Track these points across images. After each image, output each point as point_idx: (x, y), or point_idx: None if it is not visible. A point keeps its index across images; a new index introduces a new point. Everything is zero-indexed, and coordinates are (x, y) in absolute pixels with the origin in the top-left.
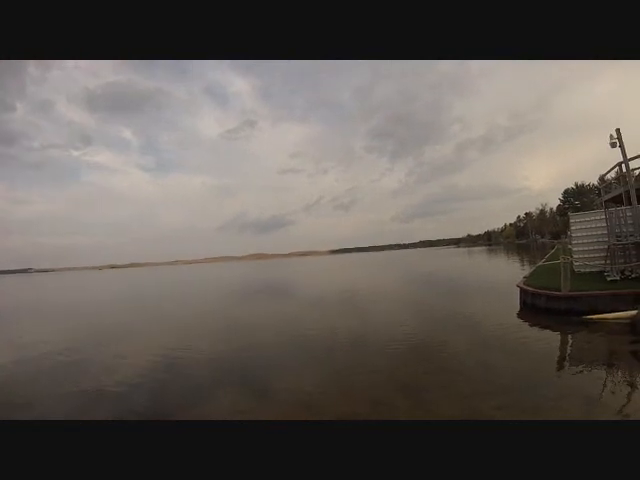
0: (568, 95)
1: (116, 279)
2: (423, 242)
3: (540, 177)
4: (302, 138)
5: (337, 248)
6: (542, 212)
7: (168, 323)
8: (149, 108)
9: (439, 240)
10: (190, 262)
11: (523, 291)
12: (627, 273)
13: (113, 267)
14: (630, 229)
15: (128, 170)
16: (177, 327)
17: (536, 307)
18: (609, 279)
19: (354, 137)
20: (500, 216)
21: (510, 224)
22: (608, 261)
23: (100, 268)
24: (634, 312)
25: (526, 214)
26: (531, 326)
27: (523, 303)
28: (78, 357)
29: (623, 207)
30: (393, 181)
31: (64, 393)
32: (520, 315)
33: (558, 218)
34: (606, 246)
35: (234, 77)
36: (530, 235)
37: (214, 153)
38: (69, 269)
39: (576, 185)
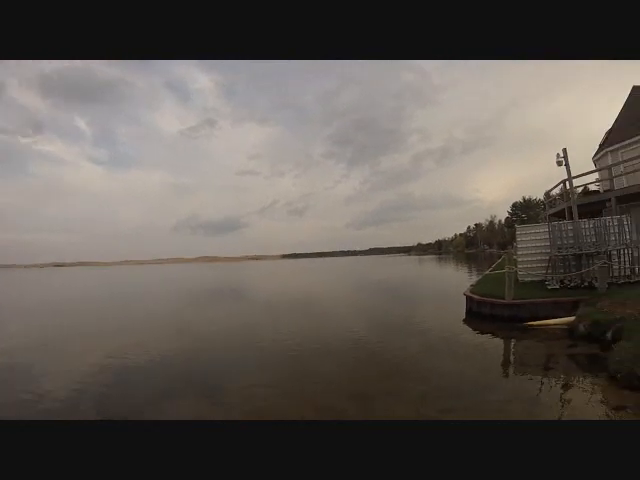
0: (521, 114)
1: (48, 278)
2: (374, 249)
3: (491, 190)
4: (262, 140)
5: (289, 253)
6: (491, 223)
7: (110, 327)
8: (108, 98)
9: (390, 248)
10: (140, 263)
11: (469, 299)
12: (566, 282)
13: (58, 266)
14: (570, 242)
15: (79, 162)
16: (123, 331)
17: (481, 314)
18: (550, 288)
19: (314, 142)
20: (451, 226)
21: (460, 234)
22: (549, 271)
23: (41, 266)
24: (572, 318)
25: (476, 225)
26: (476, 332)
27: (469, 310)
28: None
29: (565, 221)
30: (348, 188)
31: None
32: (466, 322)
33: (506, 230)
34: (548, 257)
35: (198, 73)
36: (479, 245)
37: (172, 150)
38: (6, 266)
39: (524, 199)
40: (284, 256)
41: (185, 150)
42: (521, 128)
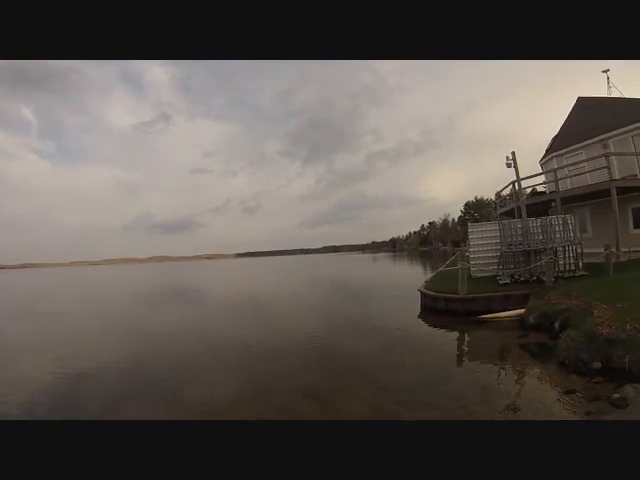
0: (474, 117)
1: None
2: (328, 247)
3: (444, 190)
4: (217, 137)
5: (243, 252)
6: (445, 222)
7: (62, 333)
8: (56, 86)
9: (344, 246)
10: (90, 264)
11: (424, 295)
12: (516, 277)
13: (1, 268)
14: (520, 239)
15: (23, 155)
16: (74, 338)
17: (436, 309)
18: (501, 282)
19: (269, 140)
20: (405, 224)
21: (414, 232)
22: (500, 267)
23: None
24: (522, 310)
25: (430, 223)
26: (432, 327)
27: (424, 306)
28: None
29: (514, 220)
30: (302, 186)
31: None
32: (421, 317)
33: (459, 228)
34: (499, 253)
35: (152, 64)
36: (433, 243)
37: (124, 145)
38: None
39: (476, 199)
40: (238, 255)
41: (137, 145)
42: (473, 131)
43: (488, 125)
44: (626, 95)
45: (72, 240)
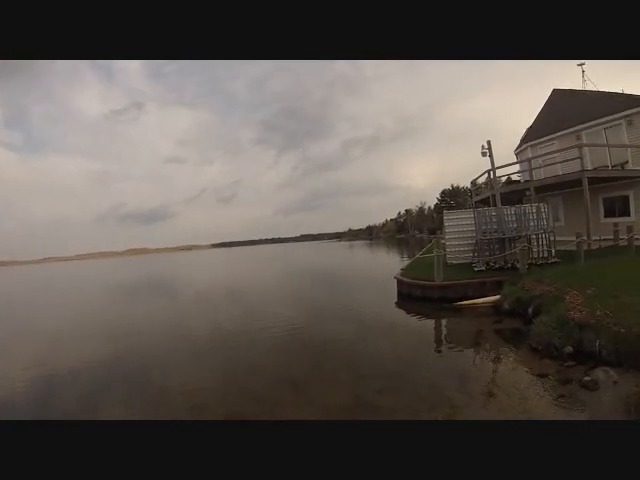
0: (452, 108)
1: None
2: (305, 236)
3: (421, 178)
4: (190, 125)
5: (220, 242)
6: (421, 209)
7: (38, 329)
8: (23, 72)
9: (321, 234)
10: (62, 259)
11: (400, 282)
12: (491, 264)
13: None
14: (494, 227)
15: None
16: (50, 333)
17: (412, 296)
18: (476, 269)
19: (244, 128)
20: (382, 212)
21: (391, 219)
22: (475, 254)
23: None
24: (497, 297)
25: (406, 211)
26: (409, 314)
27: (400, 293)
28: None
29: (489, 208)
30: (278, 175)
31: None
32: (398, 304)
33: (435, 215)
34: (474, 241)
35: None
36: (409, 230)
37: (95, 134)
38: None
39: (452, 187)
40: (215, 245)
41: (108, 134)
42: (450, 120)
43: (465, 114)
44: (600, 89)
45: (43, 235)
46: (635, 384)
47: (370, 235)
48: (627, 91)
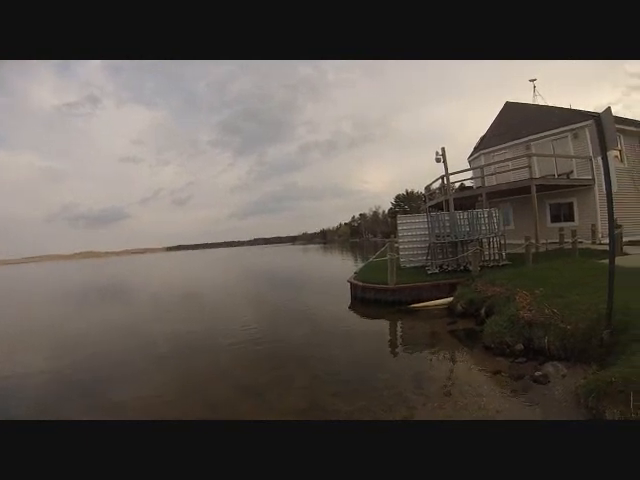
0: (410, 114)
1: None
2: (259, 239)
3: (376, 183)
4: (147, 124)
5: (174, 245)
6: (375, 214)
7: None
8: None
9: (275, 237)
10: (6, 263)
11: (353, 286)
12: (444, 267)
13: None
14: (447, 231)
15: None
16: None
17: (366, 300)
18: (429, 272)
19: (202, 129)
20: (336, 216)
21: (345, 223)
22: (429, 257)
23: None
24: (450, 299)
25: (361, 215)
26: (363, 317)
27: (354, 296)
28: None
29: (443, 212)
30: (233, 177)
31: None
32: (352, 308)
33: (389, 219)
34: (427, 244)
35: None
36: (363, 234)
37: (45, 129)
38: None
39: (406, 192)
40: (169, 249)
41: (61, 130)
42: (408, 127)
43: (421, 122)
44: (549, 103)
45: None
46: (583, 376)
47: (324, 239)
48: (574, 106)
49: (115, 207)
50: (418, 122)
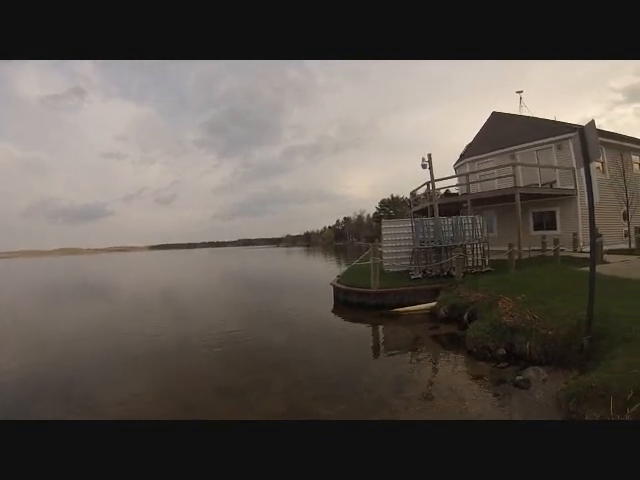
0: (396, 120)
1: None
2: (243, 240)
3: (361, 187)
4: (133, 120)
5: (157, 244)
6: (360, 217)
7: None
8: None
9: (259, 239)
10: None
11: (336, 289)
12: (428, 272)
13: None
14: (431, 236)
15: None
16: None
17: (349, 303)
18: (413, 277)
19: (189, 127)
20: (321, 219)
21: (330, 227)
22: (413, 262)
23: None
24: (433, 304)
25: (345, 218)
26: (345, 320)
27: (337, 300)
28: None
29: (427, 218)
30: (218, 178)
31: None
32: (335, 311)
33: (374, 224)
34: (411, 249)
35: None
36: (348, 238)
37: (27, 119)
38: None
39: (391, 196)
40: (152, 247)
41: (43, 121)
42: (394, 132)
43: (408, 128)
44: (535, 115)
45: None
46: (563, 381)
47: (308, 242)
48: (559, 119)
49: (98, 203)
50: (405, 127)
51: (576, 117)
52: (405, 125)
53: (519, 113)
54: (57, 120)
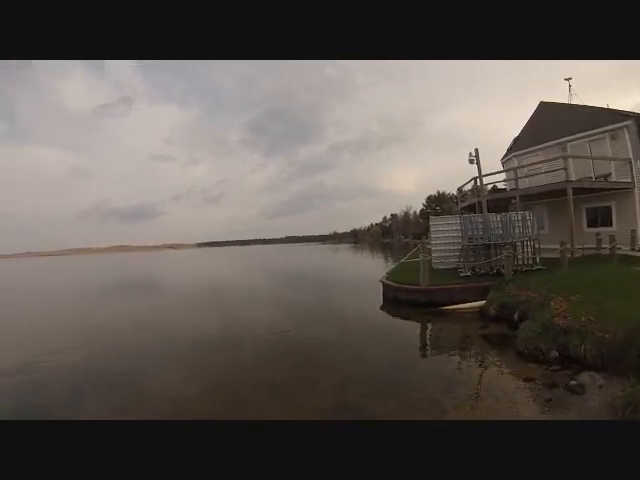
0: (440, 115)
1: None
2: (290, 238)
3: (407, 183)
4: (178, 123)
5: (205, 241)
6: (406, 214)
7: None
8: (8, 62)
9: (306, 237)
10: (43, 255)
11: (385, 286)
12: (477, 270)
13: None
14: (480, 233)
15: None
16: (31, 338)
17: (398, 300)
18: (462, 275)
19: (231, 128)
20: (367, 216)
21: (376, 224)
22: (461, 259)
23: None
24: (483, 302)
25: (392, 215)
26: (394, 317)
27: (386, 297)
28: None
29: (475, 214)
30: (263, 177)
31: None
32: (383, 308)
33: (421, 220)
34: (460, 246)
35: None
36: (394, 235)
37: (80, 128)
38: None
39: (438, 193)
40: (200, 245)
41: (94, 129)
42: (439, 127)
43: (452, 122)
44: (586, 103)
45: (23, 229)
46: (620, 388)
47: (355, 239)
48: (612, 106)
49: (148, 204)
50: (449, 121)
51: (631, 103)
52: (450, 118)
53: (569, 102)
54: (107, 127)
